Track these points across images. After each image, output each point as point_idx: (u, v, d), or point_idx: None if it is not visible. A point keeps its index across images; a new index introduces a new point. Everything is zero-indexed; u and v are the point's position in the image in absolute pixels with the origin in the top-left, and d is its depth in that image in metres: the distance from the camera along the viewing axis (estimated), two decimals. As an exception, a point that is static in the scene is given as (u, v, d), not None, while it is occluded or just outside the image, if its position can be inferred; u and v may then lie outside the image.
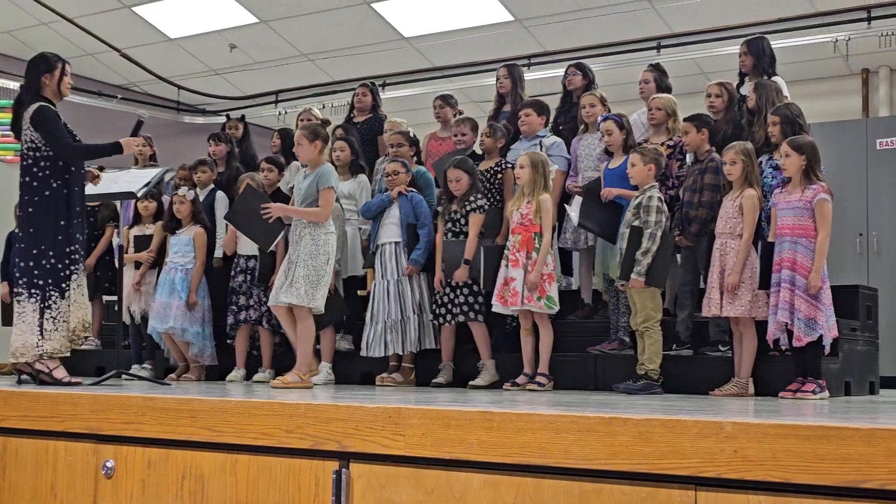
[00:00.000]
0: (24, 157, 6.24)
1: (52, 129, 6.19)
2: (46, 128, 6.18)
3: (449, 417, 3.43)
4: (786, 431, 2.85)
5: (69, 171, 6.27)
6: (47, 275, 6.12)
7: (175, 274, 7.83)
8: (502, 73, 8.46)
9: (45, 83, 6.34)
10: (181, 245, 7.93)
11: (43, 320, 6.08)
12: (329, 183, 6.56)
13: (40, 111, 6.20)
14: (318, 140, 6.67)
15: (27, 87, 6.39)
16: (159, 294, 7.85)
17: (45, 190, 6.18)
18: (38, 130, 6.19)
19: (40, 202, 6.16)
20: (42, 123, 6.18)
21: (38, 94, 6.32)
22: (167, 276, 7.88)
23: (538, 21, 11.89)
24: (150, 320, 7.87)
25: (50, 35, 12.96)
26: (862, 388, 6.69)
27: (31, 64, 6.42)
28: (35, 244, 6.14)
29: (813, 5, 10.91)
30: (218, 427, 4.00)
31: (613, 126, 7.03)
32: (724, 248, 6.18)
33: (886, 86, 12.01)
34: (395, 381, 7.25)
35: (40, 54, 6.46)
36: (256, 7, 12.33)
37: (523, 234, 6.72)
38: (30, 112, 6.20)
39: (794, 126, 6.32)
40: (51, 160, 6.20)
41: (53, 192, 6.19)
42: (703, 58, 11.79)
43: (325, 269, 6.54)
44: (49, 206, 6.17)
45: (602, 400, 5.14)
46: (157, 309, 7.82)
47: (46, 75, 6.35)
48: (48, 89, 6.35)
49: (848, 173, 9.42)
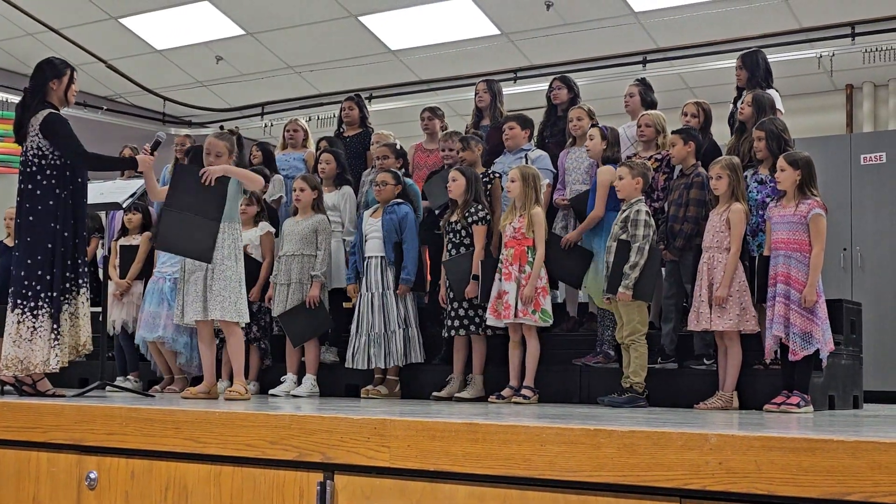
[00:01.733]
0: (28, 164, 6.04)
1: (66, 136, 6.03)
2: (60, 134, 6.02)
3: (434, 429, 3.42)
4: (771, 444, 2.85)
5: (75, 181, 6.11)
6: (43, 287, 5.96)
7: (164, 284, 7.80)
8: (481, 87, 8.48)
9: (51, 89, 6.19)
10: (169, 255, 7.90)
11: (36, 333, 5.95)
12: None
13: (52, 118, 6.04)
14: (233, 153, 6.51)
15: (33, 92, 6.19)
16: (148, 304, 7.81)
17: (50, 199, 6.00)
18: (47, 138, 6.01)
19: (43, 211, 5.98)
20: (54, 131, 6.02)
21: (44, 100, 6.16)
22: (155, 286, 7.85)
23: (524, 35, 11.93)
24: (139, 330, 7.84)
25: (36, 46, 12.92)
26: (846, 402, 6.71)
27: (37, 69, 6.25)
28: (31, 254, 5.96)
29: (797, 21, 10.97)
30: (202, 438, 3.98)
31: (597, 133, 7.04)
32: (711, 261, 6.20)
33: (870, 101, 12.08)
34: (380, 394, 7.24)
35: (48, 59, 6.31)
36: (243, 19, 12.33)
37: (516, 248, 6.73)
38: (39, 119, 6.03)
39: (779, 141, 6.36)
40: (58, 169, 6.04)
41: (58, 202, 6.02)
42: (688, 72, 11.85)
43: (240, 274, 6.24)
44: (52, 216, 5.99)
45: (587, 412, 5.15)
46: (145, 318, 7.78)
47: (54, 81, 6.20)
48: (54, 95, 6.20)
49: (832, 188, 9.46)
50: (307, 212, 7.52)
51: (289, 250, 7.46)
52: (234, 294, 6.16)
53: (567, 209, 7.43)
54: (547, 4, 11.12)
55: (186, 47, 13.20)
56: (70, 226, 6.07)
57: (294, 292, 7.40)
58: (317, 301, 7.37)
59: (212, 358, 6.39)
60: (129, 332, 8.15)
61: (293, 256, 7.44)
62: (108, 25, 12.66)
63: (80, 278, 6.14)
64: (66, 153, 6.05)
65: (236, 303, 6.17)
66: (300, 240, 7.44)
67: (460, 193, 7.11)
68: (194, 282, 6.18)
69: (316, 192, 7.54)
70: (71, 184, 6.10)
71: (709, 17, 10.97)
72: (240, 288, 6.22)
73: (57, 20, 12.57)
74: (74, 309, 6.11)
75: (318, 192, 7.59)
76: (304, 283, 7.41)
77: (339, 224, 7.86)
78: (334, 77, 13.26)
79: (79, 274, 6.13)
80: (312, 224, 7.45)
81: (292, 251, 7.45)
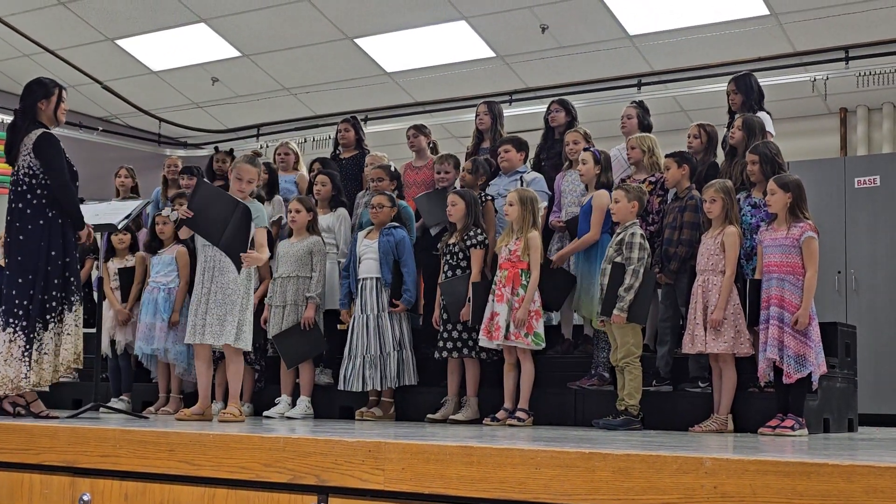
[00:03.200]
0: (19, 184, 6.09)
1: (54, 158, 6.07)
2: (50, 155, 6.07)
3: (429, 452, 3.42)
4: (765, 468, 2.85)
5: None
6: (35, 306, 5.97)
7: (158, 294, 7.78)
8: (482, 109, 8.49)
9: (41, 109, 6.24)
10: (163, 265, 7.88)
11: (31, 352, 5.95)
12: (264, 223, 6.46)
13: (45, 138, 6.09)
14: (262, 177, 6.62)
15: (23, 112, 6.25)
16: (144, 315, 7.78)
17: (40, 219, 6.04)
18: (38, 157, 6.06)
19: (34, 231, 6.02)
20: (45, 151, 6.06)
21: (35, 119, 6.21)
22: (150, 297, 7.83)
23: (520, 58, 11.97)
24: (137, 341, 7.81)
25: (32, 67, 12.93)
26: (841, 425, 6.70)
27: (27, 89, 6.30)
28: (22, 273, 5.99)
29: (792, 45, 11.02)
30: (196, 461, 3.97)
31: (590, 158, 7.07)
32: (706, 284, 6.20)
33: (864, 125, 12.11)
34: (374, 416, 7.22)
35: (37, 79, 6.36)
36: (239, 41, 12.36)
37: (510, 270, 6.74)
38: (32, 138, 6.08)
39: (772, 164, 6.37)
40: (48, 188, 6.08)
41: (48, 221, 6.06)
42: (683, 95, 11.88)
43: (249, 301, 6.35)
44: (42, 235, 6.03)
45: (582, 435, 5.14)
46: (142, 330, 7.77)
47: (43, 101, 6.25)
48: (44, 115, 6.25)
49: (826, 211, 9.49)
50: (302, 233, 7.52)
51: (284, 272, 7.46)
52: (240, 319, 6.22)
53: (563, 231, 7.44)
54: (542, 28, 11.17)
55: (182, 69, 13.22)
56: (59, 245, 6.10)
57: (289, 314, 7.39)
58: (311, 323, 7.36)
59: (208, 379, 6.40)
60: (131, 353, 8.14)
61: (288, 278, 7.44)
62: (105, 47, 12.69)
63: (73, 295, 6.15)
64: (50, 176, 6.09)
65: (240, 327, 6.22)
66: (295, 261, 7.43)
67: (460, 217, 7.13)
68: (202, 302, 6.25)
69: (311, 214, 7.54)
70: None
71: (703, 40, 11.02)
72: (247, 314, 6.29)
73: (53, 41, 12.61)
74: (62, 328, 6.11)
75: (314, 213, 7.59)
76: (299, 304, 7.41)
77: (334, 246, 7.85)
78: (330, 99, 13.29)
79: (70, 292, 6.13)
80: (307, 246, 7.45)
81: (287, 273, 7.45)
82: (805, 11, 10.35)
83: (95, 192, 7.52)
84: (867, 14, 10.17)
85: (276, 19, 11.71)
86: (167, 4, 11.57)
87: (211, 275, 6.27)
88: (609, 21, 10.94)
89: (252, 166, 6.48)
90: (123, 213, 7.22)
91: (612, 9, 10.77)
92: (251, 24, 11.92)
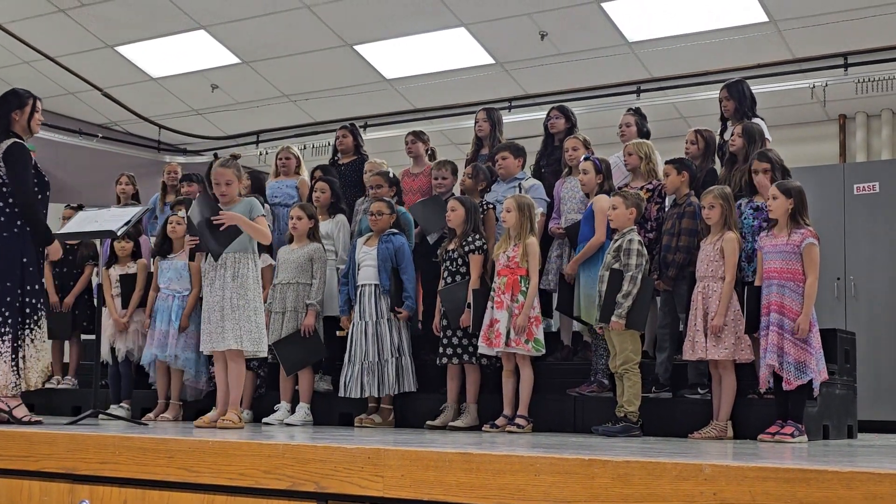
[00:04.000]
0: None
1: (21, 172, 6.08)
2: (17, 168, 6.08)
3: (428, 459, 3.41)
4: (765, 474, 2.85)
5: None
6: (16, 312, 6.00)
7: (172, 301, 7.75)
8: (481, 116, 8.50)
9: (14, 119, 6.25)
10: (175, 271, 7.85)
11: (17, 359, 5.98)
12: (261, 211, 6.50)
13: (15, 149, 6.11)
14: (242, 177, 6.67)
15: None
16: (158, 322, 7.76)
17: (14, 227, 6.07)
18: (6, 168, 6.09)
19: (9, 238, 6.05)
20: (13, 163, 6.08)
21: (8, 129, 6.22)
22: (165, 304, 7.81)
23: (519, 64, 11.98)
24: (151, 348, 7.76)
25: (32, 74, 12.96)
26: (840, 432, 6.70)
27: (1, 99, 6.32)
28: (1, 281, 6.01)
29: (791, 52, 11.03)
30: (195, 467, 3.97)
31: (591, 167, 7.07)
32: (706, 290, 6.20)
33: (863, 131, 12.12)
34: (373, 422, 7.22)
35: (12, 90, 6.38)
36: (239, 48, 12.38)
37: (509, 277, 6.74)
38: (2, 148, 6.10)
39: (782, 171, 6.38)
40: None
41: (20, 229, 6.09)
42: (682, 102, 11.89)
43: (260, 306, 6.39)
44: (14, 243, 6.05)
45: (581, 442, 5.13)
46: (157, 337, 7.74)
47: (17, 111, 6.26)
48: (18, 125, 6.26)
49: (825, 218, 9.48)
50: (303, 240, 7.52)
51: (284, 278, 7.46)
52: (251, 324, 6.25)
53: (562, 238, 7.45)
54: (541, 34, 11.18)
55: (182, 75, 13.23)
56: (30, 252, 6.13)
57: (289, 320, 7.40)
58: (311, 330, 7.36)
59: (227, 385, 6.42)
60: (132, 360, 8.13)
61: (288, 284, 7.44)
62: (105, 54, 12.70)
63: (40, 304, 6.19)
64: (15, 188, 6.09)
65: (251, 332, 6.24)
66: (295, 268, 7.44)
67: (459, 223, 7.13)
68: (215, 310, 6.27)
69: (312, 221, 7.54)
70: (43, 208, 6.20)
71: (702, 47, 11.03)
72: (257, 318, 6.31)
73: (53, 48, 12.62)
74: (41, 334, 6.16)
75: (315, 220, 7.59)
76: (299, 311, 7.41)
77: (333, 252, 7.86)
78: (329, 105, 13.30)
79: (39, 300, 6.17)
80: (308, 252, 7.46)
81: (287, 279, 7.45)
82: (804, 18, 10.37)
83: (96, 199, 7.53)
84: (866, 21, 10.18)
85: (275, 26, 11.72)
86: (167, 11, 11.59)
87: (222, 282, 6.28)
88: (608, 28, 10.96)
89: (225, 168, 6.46)
90: (123, 220, 7.21)
91: (611, 15, 10.78)
92: (251, 31, 11.93)
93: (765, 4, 10.23)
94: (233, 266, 6.29)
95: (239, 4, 11.38)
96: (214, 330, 6.27)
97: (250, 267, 6.34)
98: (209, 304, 6.34)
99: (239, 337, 6.21)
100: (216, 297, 6.29)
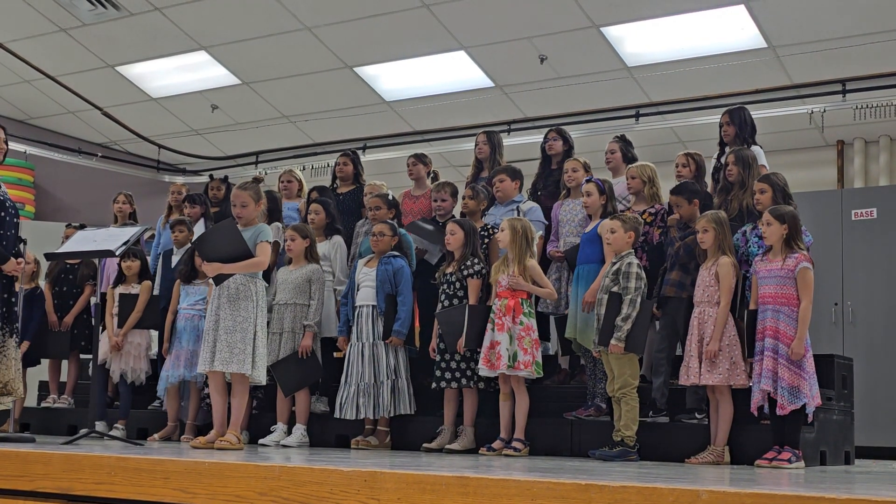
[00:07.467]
0: None
1: None
2: None
3: (424, 482, 3.41)
4: (762, 500, 2.85)
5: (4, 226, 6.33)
6: None
7: (199, 321, 7.66)
8: (481, 139, 8.51)
9: None
10: (197, 295, 7.87)
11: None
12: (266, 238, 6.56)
13: None
14: (261, 200, 6.72)
15: None
16: (185, 342, 7.76)
17: None
18: None
19: None
20: None
21: None
22: (190, 323, 7.80)
23: (518, 88, 12.02)
24: (178, 369, 7.72)
25: (32, 93, 13.01)
26: (837, 458, 6.68)
27: None
28: None
29: (789, 77, 11.07)
30: (191, 489, 3.96)
31: (594, 189, 7.08)
32: (702, 316, 6.21)
33: (861, 157, 12.15)
34: (370, 444, 7.20)
35: None
36: (239, 69, 12.41)
37: (510, 299, 6.73)
38: None
39: (784, 195, 6.38)
40: None
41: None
42: (680, 126, 11.92)
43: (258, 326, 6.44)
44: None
45: (578, 466, 5.12)
46: (184, 357, 7.71)
47: None
48: None
49: (823, 243, 9.49)
50: (300, 261, 7.52)
51: (282, 299, 7.46)
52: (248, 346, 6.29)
53: (561, 261, 7.44)
54: (541, 58, 11.22)
55: (182, 95, 13.26)
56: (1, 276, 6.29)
57: (286, 341, 7.39)
58: (309, 351, 7.36)
59: (223, 407, 6.44)
60: (127, 381, 8.11)
61: (286, 305, 7.44)
62: (105, 73, 12.74)
63: (12, 325, 6.33)
64: None
65: (240, 355, 6.28)
66: (293, 289, 7.44)
67: (458, 246, 7.13)
68: (211, 331, 6.36)
69: (308, 241, 7.54)
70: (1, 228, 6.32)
71: (701, 72, 11.07)
72: (259, 344, 6.37)
73: (54, 68, 12.66)
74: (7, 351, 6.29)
75: (311, 241, 7.59)
76: (297, 332, 7.41)
77: (330, 274, 7.86)
78: (329, 127, 13.33)
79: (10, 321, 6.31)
80: (306, 273, 7.46)
81: (285, 300, 7.45)
82: (802, 44, 10.40)
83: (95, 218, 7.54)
84: (864, 48, 10.22)
85: (276, 47, 11.76)
86: (168, 32, 11.63)
87: (217, 303, 6.39)
88: (607, 52, 11.00)
89: (242, 190, 6.57)
90: (122, 240, 7.21)
91: (611, 40, 10.82)
92: (251, 52, 11.97)
93: (764, 30, 10.28)
94: (233, 289, 6.37)
95: (239, 25, 11.43)
96: (208, 351, 6.35)
97: (251, 290, 6.37)
98: (207, 325, 6.43)
99: (227, 360, 6.26)
100: (212, 319, 6.38)
